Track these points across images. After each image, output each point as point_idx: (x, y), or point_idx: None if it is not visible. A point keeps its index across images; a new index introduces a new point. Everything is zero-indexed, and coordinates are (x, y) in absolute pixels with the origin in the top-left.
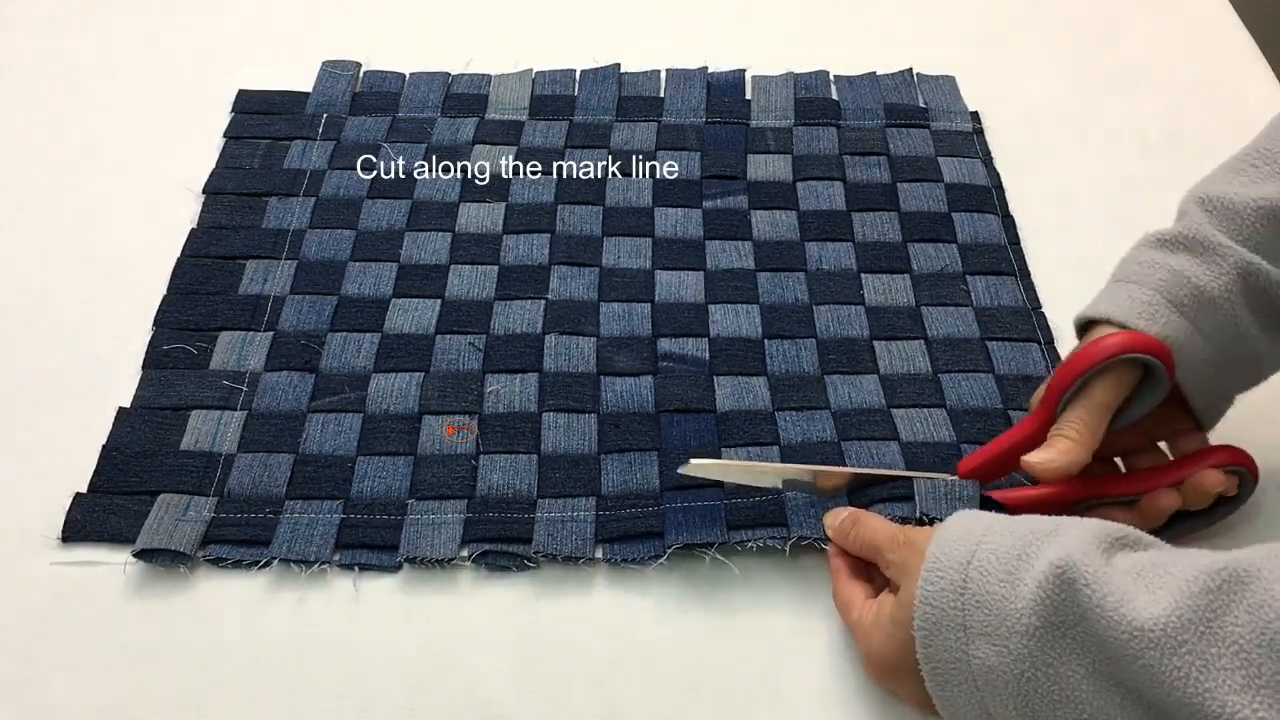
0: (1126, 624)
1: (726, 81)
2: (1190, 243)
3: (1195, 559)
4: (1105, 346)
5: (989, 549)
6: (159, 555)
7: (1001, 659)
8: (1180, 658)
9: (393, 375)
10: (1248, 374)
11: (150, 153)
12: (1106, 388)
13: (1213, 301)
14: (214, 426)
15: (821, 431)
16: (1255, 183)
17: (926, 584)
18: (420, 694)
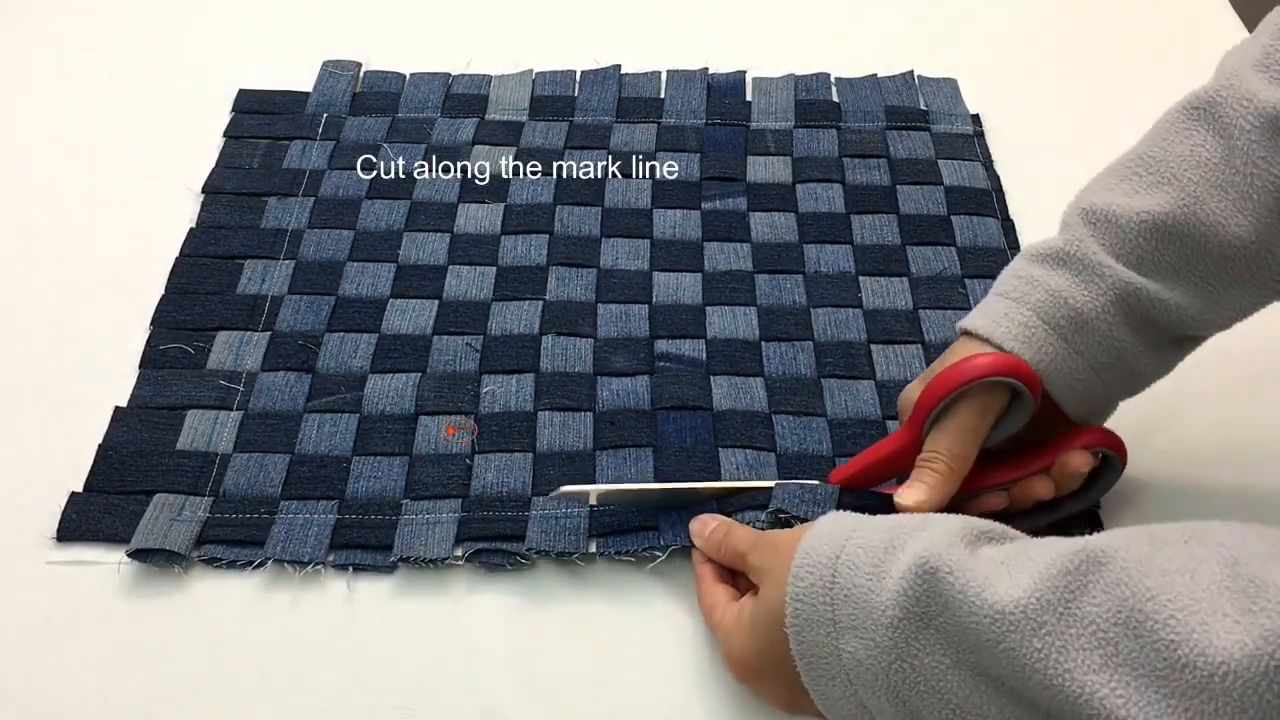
0: (987, 609)
1: (727, 83)
2: (1070, 260)
3: (1056, 544)
4: (973, 367)
5: (857, 544)
6: (153, 555)
7: (869, 652)
8: (1040, 639)
9: (389, 376)
10: (1129, 386)
11: (150, 152)
12: (974, 411)
13: (1090, 323)
14: (210, 426)
15: (818, 444)
16: (1139, 192)
17: (797, 581)
18: (419, 694)
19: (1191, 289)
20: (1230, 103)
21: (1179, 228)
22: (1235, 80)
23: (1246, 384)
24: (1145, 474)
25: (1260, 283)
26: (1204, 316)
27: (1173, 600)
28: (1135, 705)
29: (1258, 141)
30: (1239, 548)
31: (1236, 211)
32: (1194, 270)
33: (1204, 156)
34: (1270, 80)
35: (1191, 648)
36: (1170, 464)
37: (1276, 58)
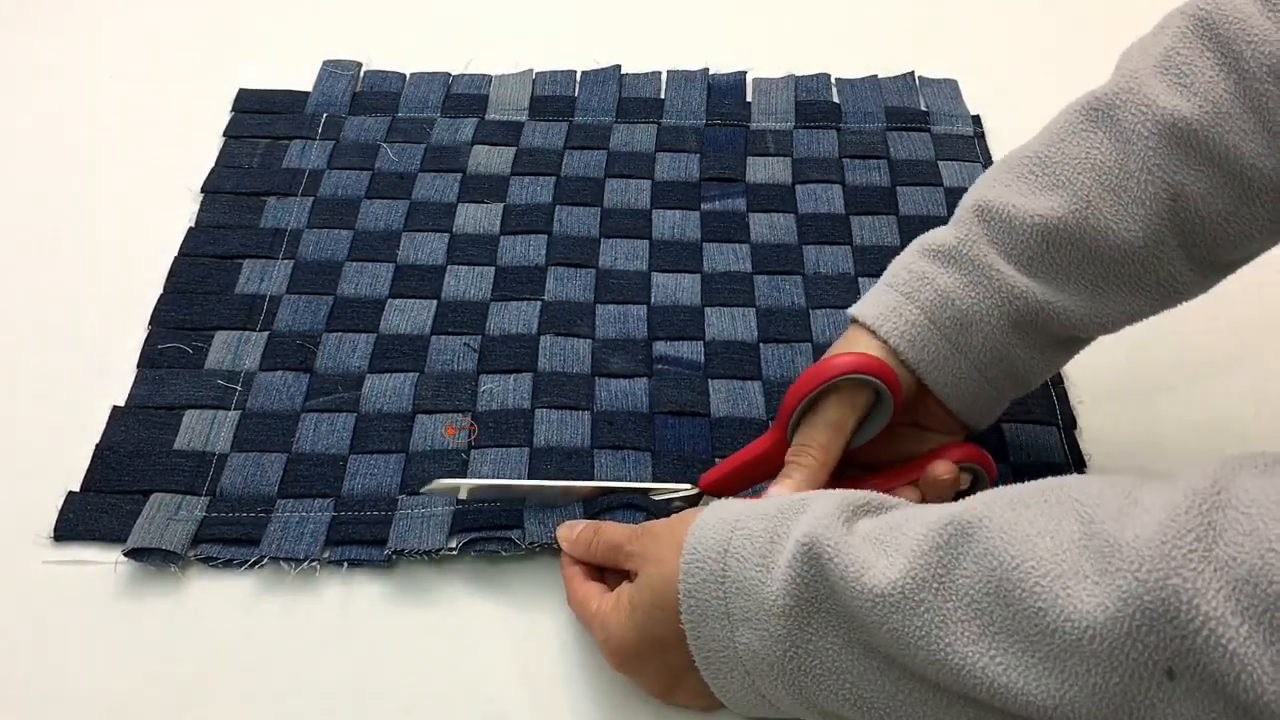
0: (868, 592)
1: (727, 83)
2: (960, 260)
3: (926, 515)
4: (834, 366)
5: (743, 535)
6: (150, 554)
7: (764, 643)
8: (920, 617)
9: (387, 375)
10: (1015, 386)
11: (150, 152)
12: (839, 407)
13: (975, 325)
14: (208, 426)
15: None
16: (1034, 193)
17: (688, 577)
18: (419, 694)
19: (1081, 292)
20: (1128, 106)
21: (1070, 232)
22: (1134, 83)
23: (1250, 376)
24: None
25: (1149, 288)
26: (1092, 319)
27: (1036, 566)
28: (1015, 671)
29: (1153, 148)
30: (1093, 504)
31: (1128, 217)
32: (1084, 274)
33: (1099, 160)
34: (1169, 85)
35: (1059, 613)
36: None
37: (1177, 61)
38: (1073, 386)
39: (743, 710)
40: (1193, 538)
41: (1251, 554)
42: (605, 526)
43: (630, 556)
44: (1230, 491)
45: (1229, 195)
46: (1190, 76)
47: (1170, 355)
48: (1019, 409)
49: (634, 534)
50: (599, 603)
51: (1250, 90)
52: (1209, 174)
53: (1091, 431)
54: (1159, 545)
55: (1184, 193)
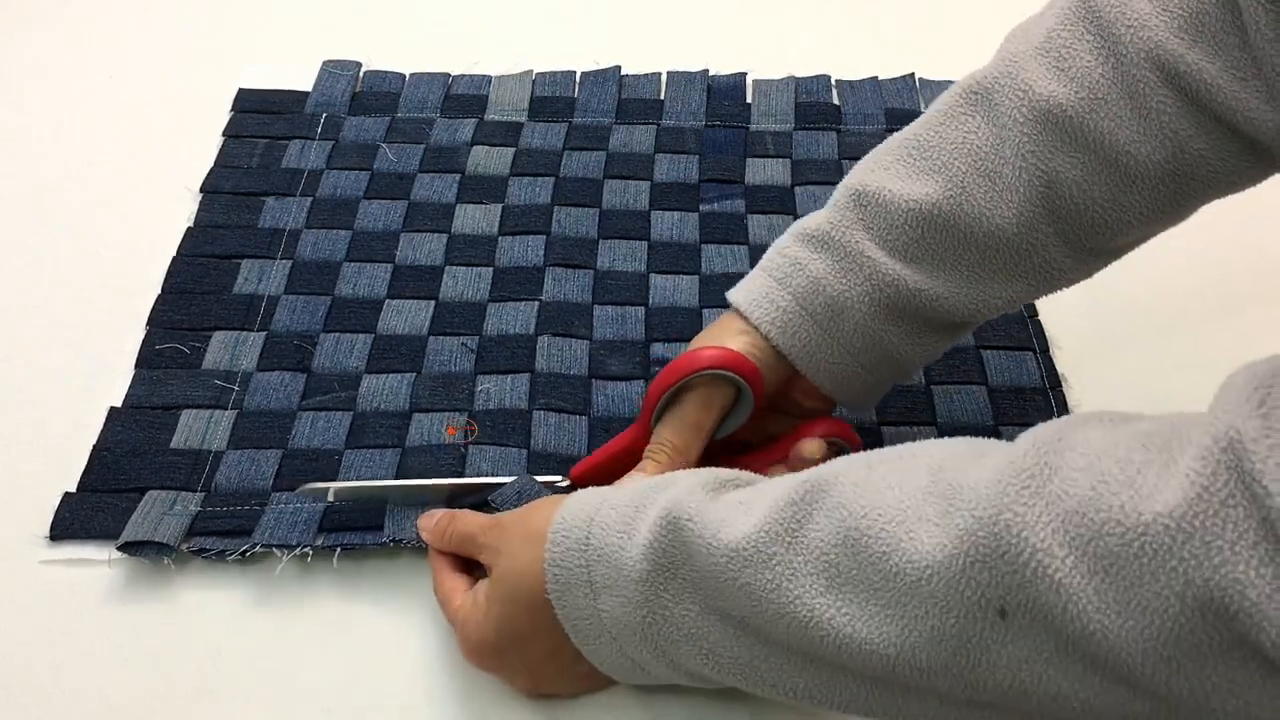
0: (723, 548)
1: (727, 85)
2: (833, 245)
3: (788, 479)
4: (696, 361)
5: (610, 506)
6: (144, 548)
7: (624, 609)
8: (771, 570)
9: (384, 376)
10: (893, 372)
11: (150, 152)
12: (698, 405)
13: (847, 311)
14: (204, 425)
15: None
16: (909, 178)
17: (554, 546)
18: (419, 693)
19: (956, 278)
20: (1006, 90)
21: (945, 218)
22: (1014, 66)
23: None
24: None
25: (1025, 274)
26: (969, 306)
27: (883, 514)
28: (859, 621)
29: (1028, 134)
30: (944, 456)
31: (1002, 203)
32: (959, 260)
33: (975, 145)
34: (1048, 69)
35: (901, 556)
36: None
37: (1058, 44)
38: (1071, 389)
39: (619, 676)
40: (1028, 475)
41: (1082, 487)
42: (460, 516)
43: (483, 549)
44: (1071, 438)
45: (1105, 182)
46: (1069, 61)
47: (1170, 357)
48: (1016, 412)
49: (486, 525)
50: (460, 601)
51: (1127, 76)
52: (1084, 161)
53: None
54: (995, 484)
55: (1059, 179)
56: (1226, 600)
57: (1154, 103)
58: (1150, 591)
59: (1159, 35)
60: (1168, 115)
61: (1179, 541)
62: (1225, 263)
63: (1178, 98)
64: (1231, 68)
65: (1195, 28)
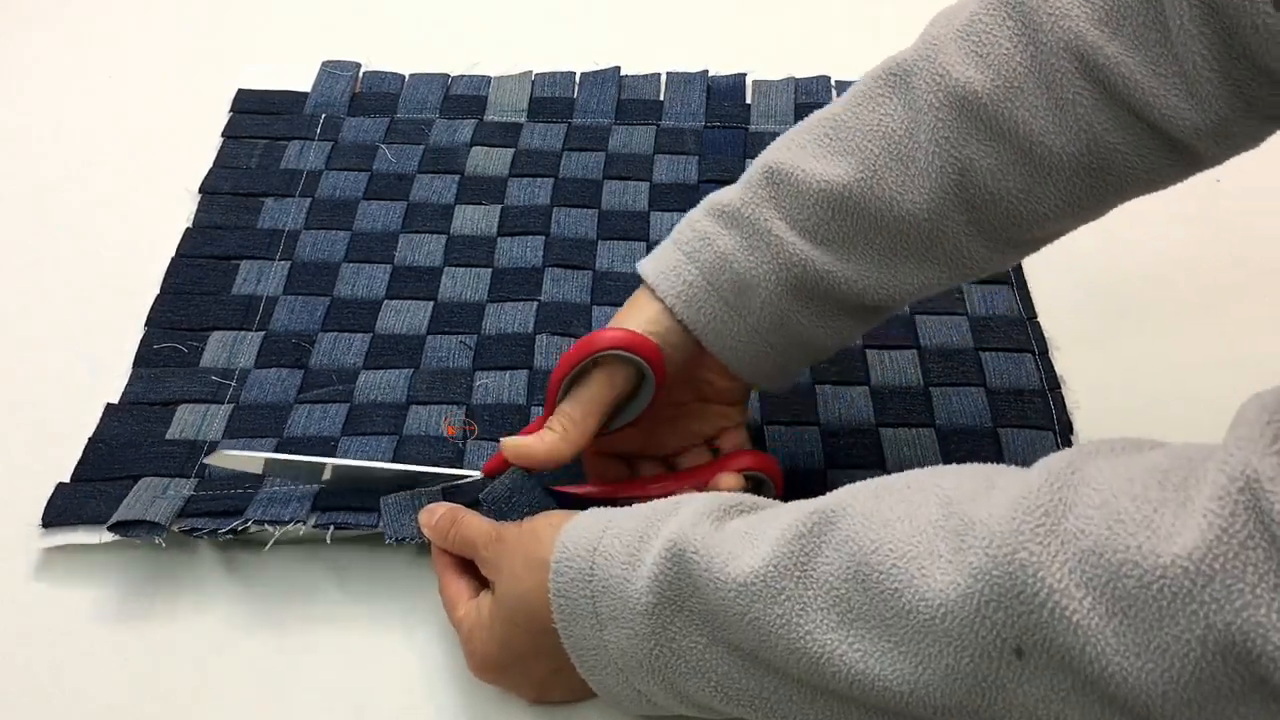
0: (731, 582)
1: (727, 85)
2: (743, 222)
3: (794, 508)
4: (596, 342)
5: (613, 534)
6: (136, 528)
7: (631, 641)
8: (781, 605)
9: (381, 371)
10: (804, 353)
11: (149, 152)
12: (599, 383)
13: (753, 289)
14: (200, 418)
15: (809, 456)
16: (823, 158)
17: (558, 576)
18: (419, 693)
19: (867, 261)
20: (923, 74)
21: (855, 200)
22: (933, 50)
23: (1249, 380)
24: None
25: (937, 260)
26: (881, 289)
27: (894, 549)
28: (872, 657)
29: (942, 120)
30: (953, 487)
31: (914, 188)
32: (870, 243)
33: (890, 128)
34: (967, 54)
35: (914, 594)
36: None
37: (978, 29)
38: (1070, 391)
39: (625, 708)
40: (1042, 513)
41: (1099, 525)
42: (463, 520)
43: (485, 563)
44: (1084, 471)
45: (1019, 173)
46: (987, 47)
47: (1169, 358)
48: (1014, 413)
49: (489, 537)
50: (464, 610)
51: (1045, 65)
52: (998, 150)
53: (1088, 437)
54: (1009, 521)
55: (972, 167)
56: (1248, 644)
57: (1070, 93)
58: (1170, 634)
59: (1079, 25)
60: (1084, 107)
61: (1199, 585)
62: (1225, 263)
63: (1095, 90)
64: (1151, 63)
65: (1117, 20)
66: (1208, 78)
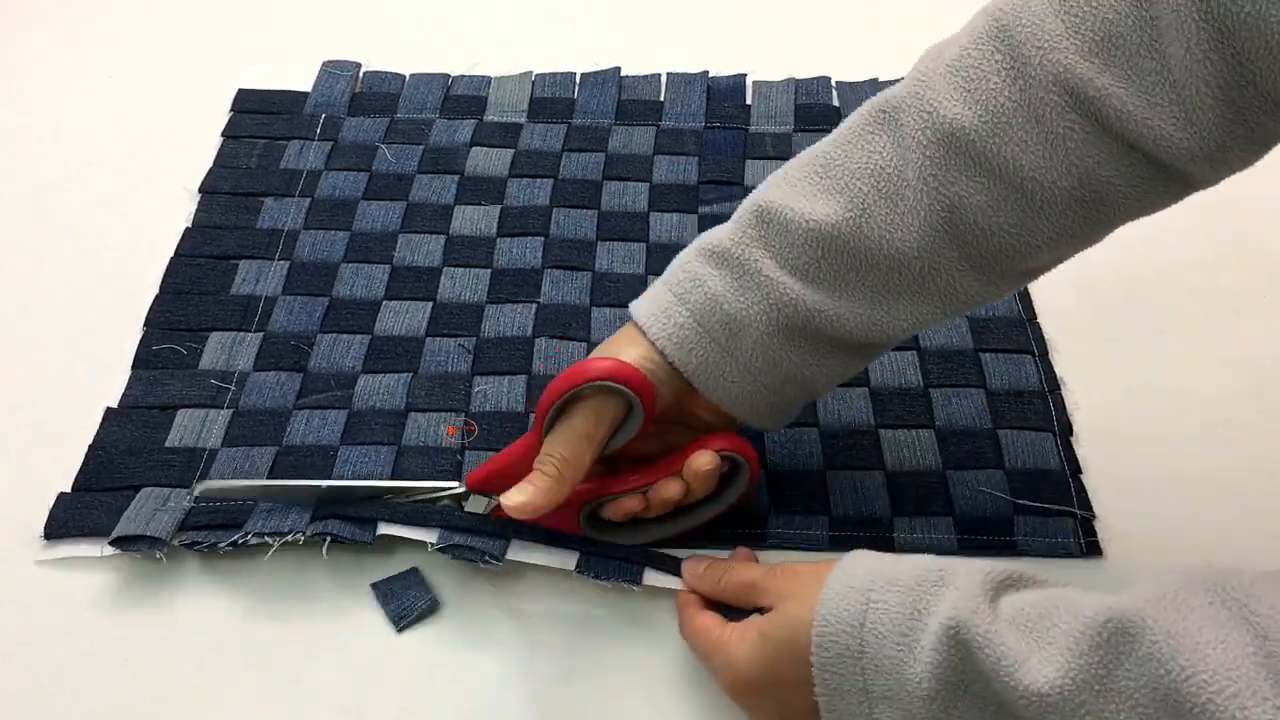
0: (1023, 689)
1: (727, 86)
2: (733, 263)
3: (1078, 608)
4: (587, 371)
5: (880, 610)
6: (136, 543)
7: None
8: (1080, 719)
9: (380, 376)
10: (799, 391)
11: (149, 152)
12: (588, 416)
13: (744, 330)
14: (199, 424)
15: (808, 457)
16: (814, 196)
17: (822, 650)
18: (419, 693)
19: (859, 299)
20: (912, 111)
21: (845, 239)
22: (922, 86)
23: (1249, 381)
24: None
25: (931, 296)
26: (875, 327)
27: (1209, 681)
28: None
29: (930, 157)
30: (1266, 615)
31: (904, 226)
32: (862, 281)
33: (879, 165)
34: (956, 90)
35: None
36: (1167, 463)
37: (967, 64)
38: (1069, 393)
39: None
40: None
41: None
42: (736, 564)
43: (766, 593)
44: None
45: (1010, 208)
46: (976, 82)
47: (1169, 361)
48: (1015, 416)
49: (771, 572)
50: (722, 631)
51: (1033, 99)
52: (988, 186)
53: (1088, 438)
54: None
55: (961, 204)
56: None
57: (1060, 128)
58: None
59: (1068, 58)
60: (1075, 141)
61: None
62: (1225, 265)
63: (1086, 123)
64: (1145, 92)
65: (1108, 50)
66: (1210, 105)
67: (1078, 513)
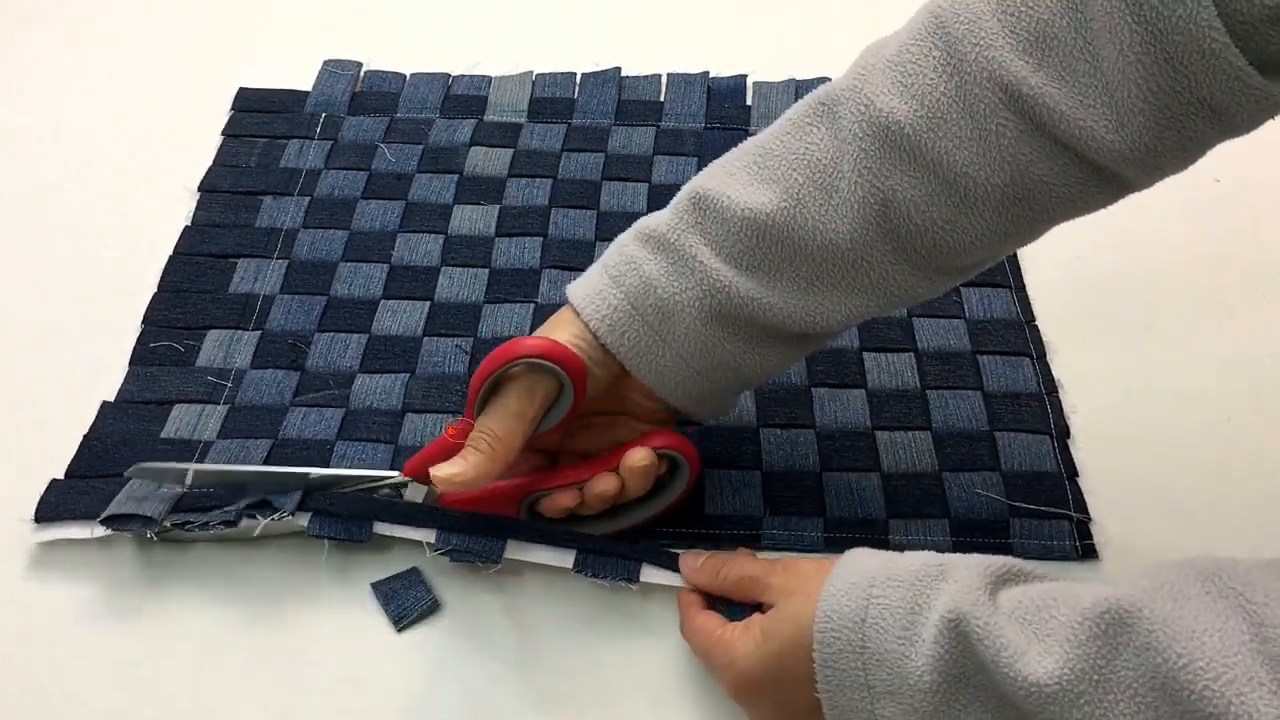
0: (1023, 680)
1: (727, 87)
2: (669, 249)
3: (1077, 599)
4: (517, 348)
5: (881, 604)
6: (128, 522)
7: (909, 716)
8: (1080, 709)
9: (377, 376)
10: (734, 378)
11: (150, 152)
12: (520, 394)
13: (676, 315)
14: (195, 418)
15: (805, 459)
16: (750, 185)
17: (824, 646)
18: (419, 693)
19: (792, 289)
20: (850, 104)
21: (779, 229)
22: (861, 80)
23: (1248, 383)
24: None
25: (863, 289)
26: (808, 317)
27: (1206, 668)
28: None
29: (865, 150)
30: (1262, 603)
31: (837, 218)
32: (796, 271)
33: (815, 157)
34: (893, 84)
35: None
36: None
37: (906, 59)
38: (1066, 395)
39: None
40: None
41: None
42: (734, 556)
43: (768, 589)
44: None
45: (944, 204)
46: (913, 77)
47: (1167, 362)
48: (1011, 418)
49: (773, 567)
50: (725, 630)
51: (968, 95)
52: (921, 181)
53: (1085, 441)
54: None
55: (895, 198)
56: None
57: (994, 125)
58: None
59: (1003, 55)
60: (1007, 139)
61: None
62: (1224, 267)
63: (1019, 121)
64: (1077, 93)
65: (1042, 49)
66: (1141, 108)
67: (1073, 515)
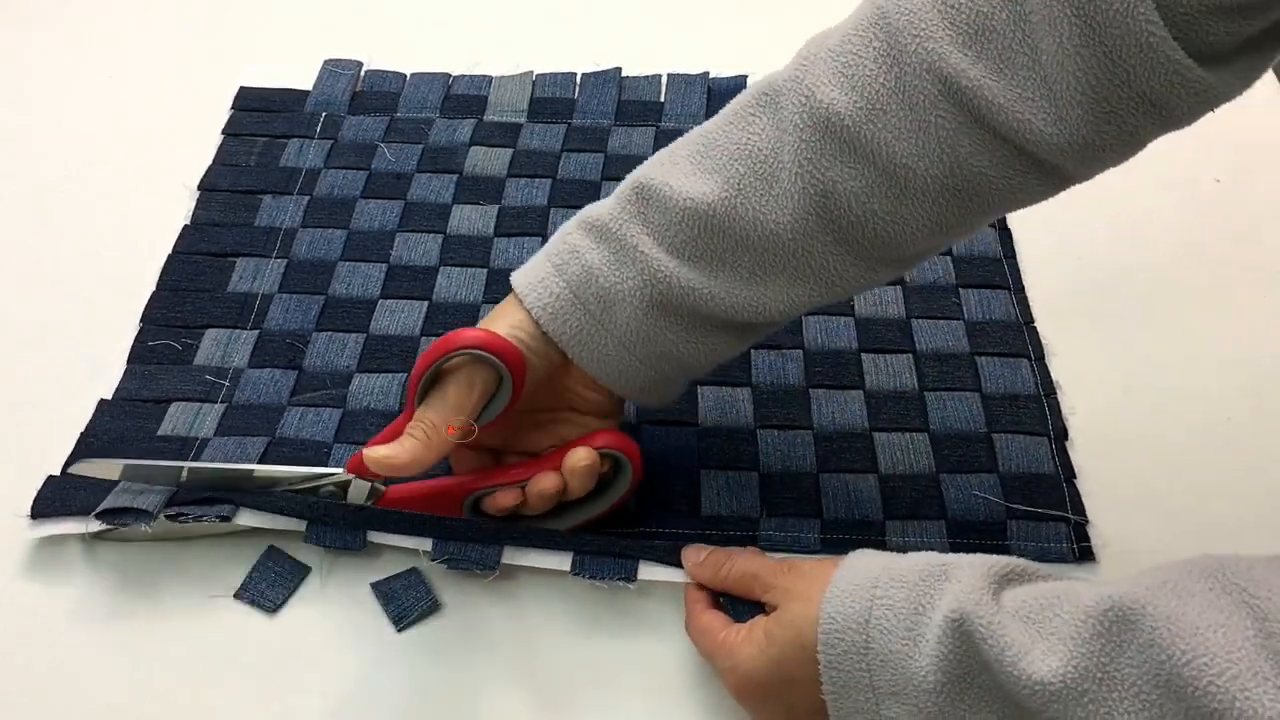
0: (1027, 679)
1: (728, 87)
2: (611, 239)
3: (1079, 597)
4: (455, 340)
5: (885, 605)
6: (124, 515)
7: (914, 716)
8: (1084, 707)
9: (375, 375)
10: (678, 367)
11: (150, 151)
12: (459, 385)
13: (617, 304)
14: (192, 416)
15: (802, 460)
16: (692, 175)
17: (828, 648)
18: (418, 693)
19: (734, 279)
20: (791, 94)
21: (720, 219)
22: (803, 71)
23: (1248, 385)
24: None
25: (804, 279)
26: (750, 307)
27: (1210, 664)
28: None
29: (805, 140)
30: (1265, 598)
31: (777, 208)
32: (737, 261)
33: (757, 146)
34: (834, 75)
35: (1237, 715)
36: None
37: (848, 50)
38: (1065, 397)
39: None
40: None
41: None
42: (737, 553)
43: (770, 589)
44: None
45: (884, 195)
46: (854, 68)
47: (1166, 365)
48: (1009, 420)
49: (776, 567)
50: (728, 632)
51: (908, 87)
52: (861, 171)
53: (1084, 443)
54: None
55: (835, 189)
56: None
57: (933, 116)
58: None
59: (942, 47)
60: (946, 130)
61: None
62: (1224, 268)
63: (958, 113)
64: (1016, 85)
65: (981, 41)
66: (1079, 101)
67: (1071, 517)
